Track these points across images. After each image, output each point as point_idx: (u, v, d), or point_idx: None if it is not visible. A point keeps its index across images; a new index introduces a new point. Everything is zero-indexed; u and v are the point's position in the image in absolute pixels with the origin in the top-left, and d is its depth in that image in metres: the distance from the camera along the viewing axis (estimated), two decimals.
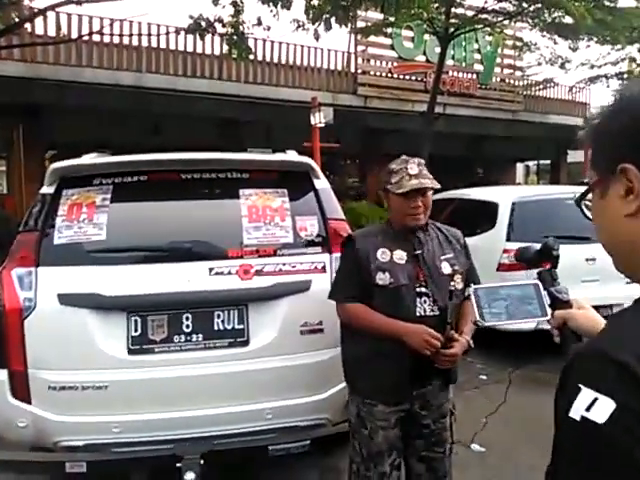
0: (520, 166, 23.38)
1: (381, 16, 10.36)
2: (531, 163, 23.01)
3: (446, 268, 2.22)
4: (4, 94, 9.31)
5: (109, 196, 2.69)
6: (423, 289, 2.17)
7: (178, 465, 2.42)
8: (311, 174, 2.92)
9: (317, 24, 6.58)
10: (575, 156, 17.78)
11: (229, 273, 2.61)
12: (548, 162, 20.62)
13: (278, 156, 3.05)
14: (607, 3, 10.36)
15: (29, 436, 2.55)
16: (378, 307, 2.15)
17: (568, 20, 10.32)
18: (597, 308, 4.69)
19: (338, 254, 2.53)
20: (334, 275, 2.48)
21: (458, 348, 2.12)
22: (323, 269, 2.70)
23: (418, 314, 2.14)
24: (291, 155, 3.12)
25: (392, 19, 9.06)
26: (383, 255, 2.17)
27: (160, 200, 2.80)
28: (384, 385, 2.19)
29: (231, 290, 2.59)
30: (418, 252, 2.20)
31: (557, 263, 1.66)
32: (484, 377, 5.01)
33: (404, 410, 2.23)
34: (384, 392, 2.21)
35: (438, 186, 2.20)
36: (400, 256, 2.18)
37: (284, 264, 2.68)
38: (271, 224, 2.73)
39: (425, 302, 2.16)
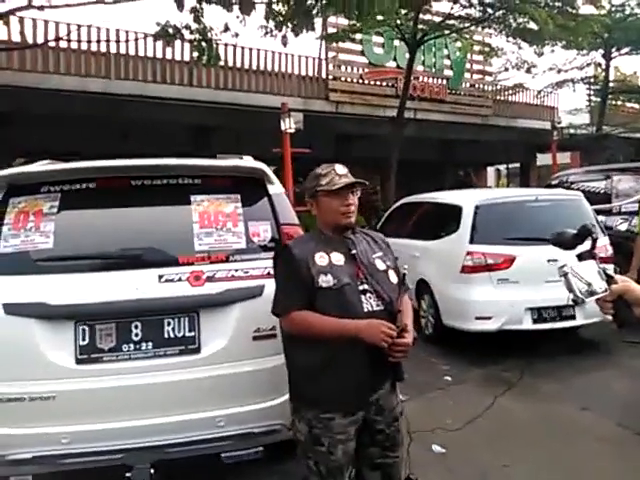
0: (491, 170, 23.72)
1: (349, 22, 10.42)
2: (502, 167, 23.35)
3: (380, 265, 2.27)
4: None
5: (57, 204, 2.66)
6: (365, 286, 2.19)
7: (128, 475, 2.39)
8: (265, 179, 2.92)
9: (280, 30, 6.58)
10: (544, 159, 18.08)
11: (179, 280, 2.60)
12: (518, 165, 20.93)
13: (231, 162, 3.03)
14: (569, 9, 10.59)
15: None
16: (324, 310, 2.12)
17: (533, 26, 10.53)
18: (560, 308, 4.72)
19: None
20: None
21: (410, 338, 2.14)
22: (276, 274, 2.69)
23: (366, 310, 2.15)
24: (245, 160, 3.11)
25: (360, 25, 9.10)
26: (321, 259, 2.18)
27: (109, 207, 2.77)
28: (344, 392, 2.13)
29: (181, 297, 2.58)
30: (354, 251, 2.23)
31: (596, 244, 1.80)
32: (448, 378, 5.05)
33: (361, 419, 2.20)
34: (344, 400, 2.15)
35: (367, 183, 2.29)
36: (338, 258, 2.20)
37: (236, 270, 2.68)
38: (223, 230, 2.72)
39: (370, 298, 2.18)
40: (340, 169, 2.24)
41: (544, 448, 3.61)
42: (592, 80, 17.52)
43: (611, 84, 17.36)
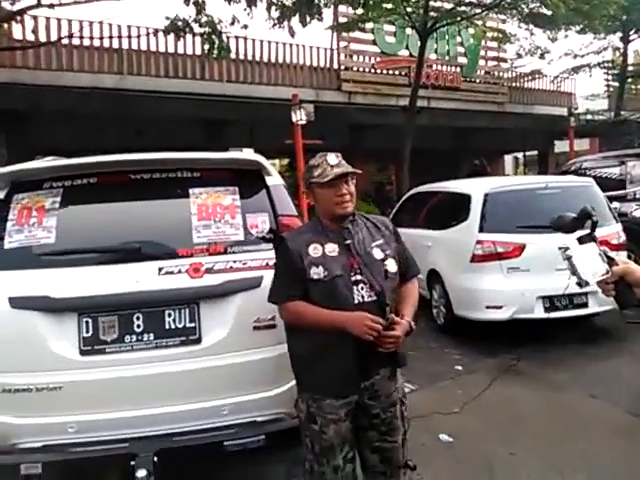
0: (509, 158, 23.44)
1: (360, 11, 10.35)
2: (520, 154, 23.06)
3: (378, 254, 2.26)
4: None
5: (59, 199, 2.71)
6: (358, 277, 2.20)
7: (132, 463, 2.44)
8: (263, 171, 2.94)
9: (284, 20, 6.57)
10: (562, 146, 17.81)
11: (179, 272, 2.63)
12: (536, 153, 20.66)
13: (229, 154, 3.05)
14: None
15: None
16: (316, 301, 2.19)
17: (545, 11, 10.34)
18: (572, 296, 4.67)
19: None
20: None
21: (399, 330, 2.15)
22: (275, 265, 2.72)
23: (357, 301, 2.18)
24: (243, 153, 3.13)
25: (369, 14, 9.04)
26: (315, 250, 2.21)
27: (110, 201, 2.82)
28: (331, 378, 2.20)
29: (181, 289, 2.61)
30: (348, 242, 2.24)
31: (595, 227, 1.86)
32: (460, 368, 5.04)
33: (353, 402, 2.25)
34: (331, 386, 2.22)
35: (359, 172, 2.26)
36: (332, 249, 2.22)
37: (235, 261, 2.70)
38: (221, 222, 2.75)
39: (362, 289, 2.19)
40: (332, 159, 2.23)
41: (551, 436, 3.60)
42: (610, 64, 17.20)
43: (630, 68, 17.02)
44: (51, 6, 7.54)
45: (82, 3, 7.74)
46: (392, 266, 2.28)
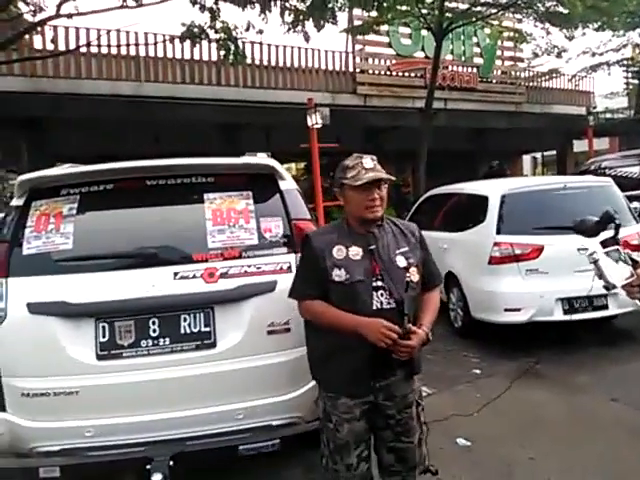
0: (527, 158, 23.21)
1: (374, 13, 10.33)
2: (538, 154, 22.81)
3: (401, 261, 2.25)
4: (7, 109, 9.46)
5: (76, 206, 2.75)
6: (379, 283, 2.20)
7: (148, 467, 2.46)
8: (276, 176, 2.95)
9: (297, 25, 6.59)
10: (581, 145, 17.59)
11: (194, 277, 2.66)
12: (554, 153, 20.42)
13: (242, 159, 3.07)
14: None
15: (5, 443, 2.60)
16: (336, 303, 2.20)
17: (562, 9, 10.23)
18: (591, 298, 4.59)
19: None
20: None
21: (415, 340, 2.14)
22: (289, 269, 2.73)
23: (375, 307, 2.18)
24: (257, 158, 3.15)
25: (383, 17, 9.02)
26: (339, 252, 2.21)
27: (126, 207, 2.85)
28: (344, 378, 2.23)
29: (196, 293, 2.63)
30: (372, 247, 2.23)
31: (619, 231, 1.84)
32: (478, 371, 5.00)
33: (368, 402, 2.26)
34: (344, 386, 2.24)
35: (393, 178, 2.25)
36: (356, 252, 2.22)
37: (249, 266, 2.72)
38: (235, 227, 2.77)
39: (382, 295, 2.19)
40: (367, 163, 2.22)
41: (570, 439, 3.55)
42: (629, 62, 16.94)
43: None
44: (69, 16, 7.68)
45: (99, 12, 7.85)
46: (414, 275, 2.26)
